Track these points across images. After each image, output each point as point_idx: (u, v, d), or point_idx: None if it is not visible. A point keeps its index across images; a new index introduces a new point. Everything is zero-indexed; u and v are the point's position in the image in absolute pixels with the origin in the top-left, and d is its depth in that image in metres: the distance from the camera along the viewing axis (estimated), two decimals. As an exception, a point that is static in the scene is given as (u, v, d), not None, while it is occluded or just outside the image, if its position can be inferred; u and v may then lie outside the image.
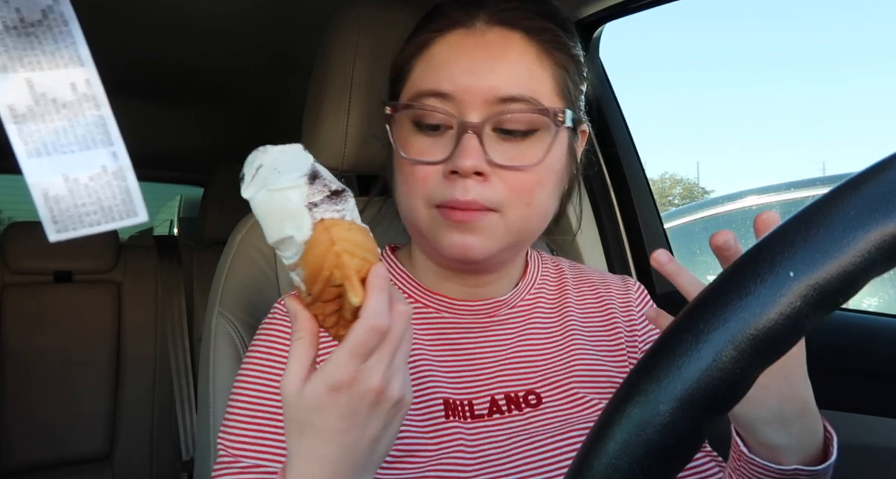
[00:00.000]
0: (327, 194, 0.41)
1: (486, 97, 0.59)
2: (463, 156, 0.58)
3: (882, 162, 0.29)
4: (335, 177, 0.44)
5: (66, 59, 0.26)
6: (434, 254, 0.67)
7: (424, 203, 0.62)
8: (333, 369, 0.42)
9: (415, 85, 0.63)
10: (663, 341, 0.30)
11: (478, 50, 0.61)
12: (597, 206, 1.24)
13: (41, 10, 0.26)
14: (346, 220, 0.42)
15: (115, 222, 0.27)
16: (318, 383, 0.43)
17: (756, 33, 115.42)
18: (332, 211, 0.41)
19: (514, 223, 0.62)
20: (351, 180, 2.06)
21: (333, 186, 0.42)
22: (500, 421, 0.64)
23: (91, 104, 0.27)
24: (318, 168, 0.43)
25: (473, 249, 0.61)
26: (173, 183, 2.87)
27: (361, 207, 0.82)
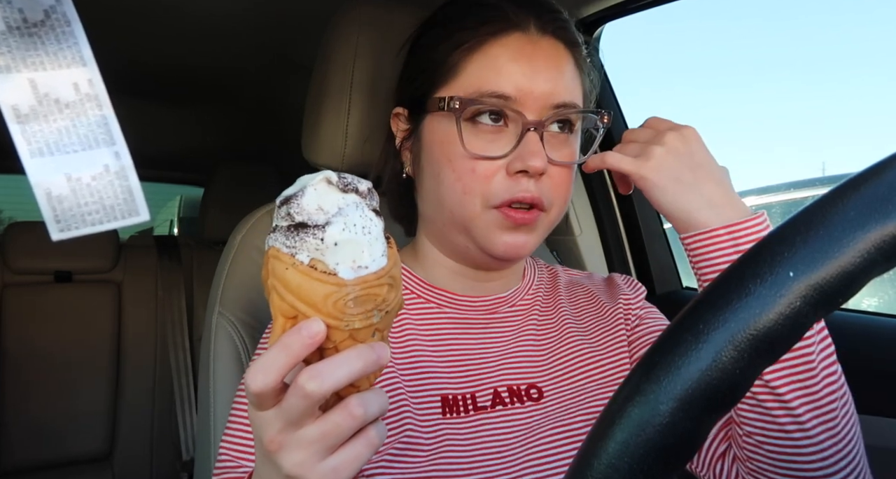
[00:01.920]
0: (287, 225, 0.37)
1: (544, 102, 0.63)
2: (533, 156, 0.61)
3: (882, 162, 0.29)
4: (328, 212, 0.37)
5: (69, 60, 0.26)
6: (456, 250, 0.69)
7: (482, 202, 0.63)
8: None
9: (471, 83, 0.64)
10: (663, 341, 0.30)
11: (537, 56, 0.64)
12: (597, 206, 1.24)
13: (44, 11, 0.26)
14: (294, 257, 0.37)
15: (117, 222, 0.27)
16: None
17: (756, 33, 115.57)
18: (281, 243, 0.37)
19: (553, 219, 0.67)
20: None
21: (298, 219, 0.37)
22: (502, 413, 0.65)
23: (93, 104, 0.27)
24: (304, 198, 0.37)
25: (525, 248, 0.65)
26: (173, 183, 2.86)
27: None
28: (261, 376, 0.37)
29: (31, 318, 1.94)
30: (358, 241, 0.37)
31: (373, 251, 0.38)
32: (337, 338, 0.38)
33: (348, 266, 0.37)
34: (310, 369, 0.37)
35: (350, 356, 0.37)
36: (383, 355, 0.38)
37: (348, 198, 0.38)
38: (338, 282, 0.37)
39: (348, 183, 0.38)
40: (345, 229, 0.37)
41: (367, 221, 0.38)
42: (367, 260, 0.37)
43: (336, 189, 0.38)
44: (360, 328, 0.38)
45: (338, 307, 0.37)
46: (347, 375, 0.37)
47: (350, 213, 0.37)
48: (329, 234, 0.36)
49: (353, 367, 0.37)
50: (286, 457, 0.39)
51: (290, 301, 0.37)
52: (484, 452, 0.62)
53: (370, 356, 0.38)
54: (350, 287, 0.37)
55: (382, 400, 0.40)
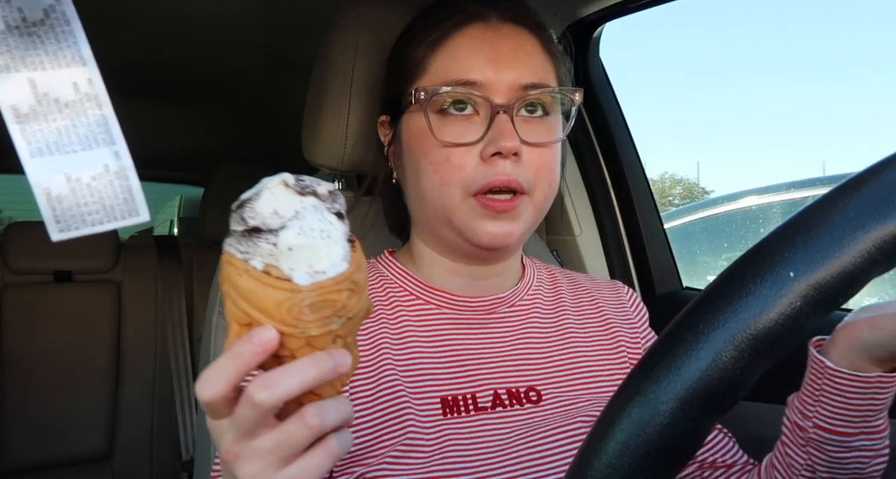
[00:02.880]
0: (241, 229, 0.36)
1: (510, 85, 0.64)
2: (504, 137, 0.62)
3: (882, 162, 0.29)
4: (285, 217, 0.36)
5: (69, 59, 0.26)
6: (447, 245, 0.69)
7: (462, 192, 0.64)
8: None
9: (438, 76, 0.66)
10: (663, 341, 0.30)
11: (499, 42, 0.65)
12: (597, 206, 1.24)
13: (43, 10, 0.26)
14: (248, 263, 0.36)
15: (117, 222, 0.27)
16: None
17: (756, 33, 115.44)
18: (235, 248, 0.36)
19: (538, 203, 0.67)
20: (351, 180, 2.06)
21: (252, 223, 0.36)
22: (502, 414, 0.65)
23: (93, 104, 0.27)
24: (258, 202, 0.36)
25: (511, 236, 0.65)
26: (173, 183, 2.86)
27: (349, 207, 0.82)
28: (209, 385, 0.36)
29: (31, 318, 1.94)
30: (315, 245, 0.36)
31: (331, 256, 0.36)
32: (293, 345, 0.37)
33: (304, 272, 0.35)
34: (260, 377, 0.35)
35: (304, 365, 0.36)
36: (342, 362, 0.37)
37: (306, 201, 0.36)
38: (292, 288, 0.35)
39: (306, 186, 0.37)
40: (300, 234, 0.35)
41: (327, 224, 0.37)
42: (324, 265, 0.36)
43: (293, 192, 0.36)
44: (317, 335, 0.36)
45: (292, 314, 0.35)
46: (300, 384, 0.35)
47: (307, 216, 0.36)
48: (283, 238, 0.35)
49: (306, 375, 0.35)
50: (242, 467, 0.38)
51: (242, 308, 0.36)
52: (484, 452, 0.62)
53: (326, 364, 0.36)
54: (305, 293, 0.35)
55: (344, 409, 0.38)
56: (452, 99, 0.64)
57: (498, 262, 0.71)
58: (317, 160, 0.89)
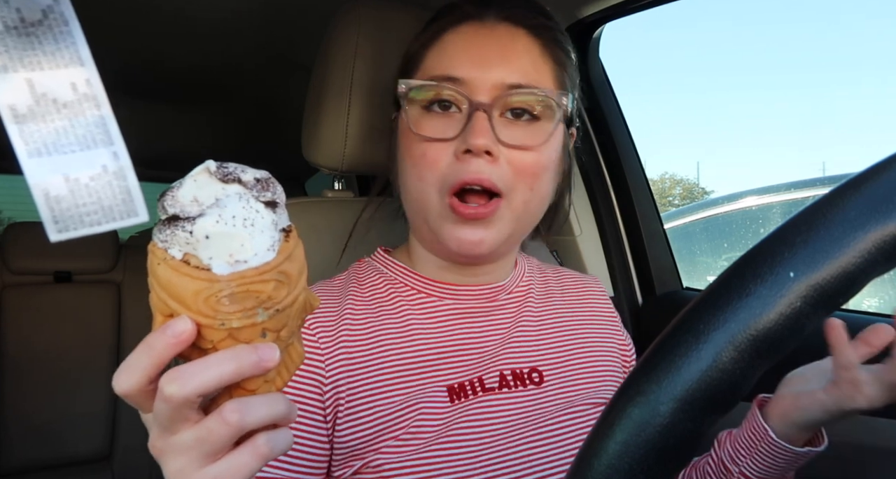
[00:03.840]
0: (163, 218, 0.35)
1: (494, 84, 0.63)
2: (475, 134, 0.61)
3: (882, 162, 0.29)
4: (203, 203, 0.35)
5: (67, 59, 0.26)
6: (437, 246, 0.69)
7: (437, 189, 0.63)
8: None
9: (427, 71, 0.66)
10: (663, 341, 0.30)
11: (489, 42, 0.65)
12: (597, 206, 1.24)
13: (41, 10, 0.26)
14: (167, 252, 0.35)
15: (115, 222, 0.27)
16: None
17: (756, 33, 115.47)
18: (157, 237, 0.35)
19: (517, 208, 0.65)
20: (351, 180, 2.06)
21: (171, 211, 0.35)
22: (508, 395, 0.66)
23: (91, 104, 0.27)
24: (180, 190, 0.35)
25: (483, 244, 0.64)
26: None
27: (358, 211, 0.83)
28: (123, 377, 0.35)
29: (30, 318, 1.94)
30: (235, 234, 0.34)
31: (255, 245, 0.34)
32: (214, 337, 0.35)
33: (224, 261, 0.34)
34: (172, 370, 0.34)
35: (221, 358, 0.34)
36: (267, 356, 0.34)
37: (229, 188, 0.35)
38: (209, 277, 0.34)
39: (229, 173, 0.36)
40: (219, 222, 0.34)
41: (251, 212, 0.35)
42: (247, 254, 0.34)
43: (215, 179, 0.35)
44: (240, 327, 0.35)
45: (210, 304, 0.34)
46: (217, 377, 0.34)
47: (229, 204, 0.34)
48: (199, 226, 0.34)
49: (224, 369, 0.34)
50: (167, 463, 0.37)
51: (162, 298, 0.35)
52: (491, 433, 0.63)
53: (248, 358, 0.34)
54: (224, 283, 0.34)
55: (276, 406, 0.36)
56: (432, 95, 0.64)
57: (483, 265, 0.71)
58: (316, 160, 0.89)
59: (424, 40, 0.68)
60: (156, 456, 0.37)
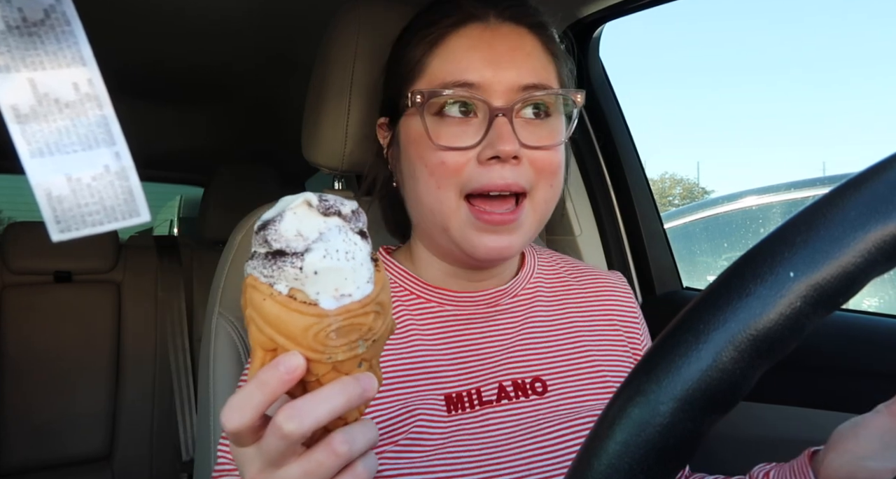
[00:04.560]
0: (264, 252, 0.35)
1: (509, 86, 0.62)
2: (503, 141, 0.60)
3: (882, 162, 0.29)
4: (308, 241, 0.35)
5: (69, 59, 0.26)
6: (444, 251, 0.68)
7: (456, 194, 0.63)
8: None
9: (435, 77, 0.65)
10: (663, 341, 0.30)
11: (497, 42, 0.64)
12: (597, 206, 1.24)
13: (43, 10, 0.26)
14: (273, 287, 0.35)
15: (117, 222, 0.27)
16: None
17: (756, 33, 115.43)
18: (259, 271, 0.35)
19: (539, 206, 0.65)
20: (351, 180, 2.06)
21: (276, 246, 0.35)
22: (507, 407, 0.65)
23: (94, 104, 0.27)
24: (282, 223, 0.35)
25: (510, 249, 0.63)
26: (173, 183, 2.86)
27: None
28: (237, 414, 0.35)
29: (30, 318, 1.94)
30: (341, 268, 0.34)
31: (357, 278, 0.35)
32: (319, 371, 0.36)
33: (330, 295, 0.34)
34: (288, 407, 0.35)
35: (332, 392, 0.35)
36: (369, 387, 0.36)
37: (330, 222, 0.35)
38: (318, 313, 0.34)
39: (330, 206, 0.36)
40: (326, 256, 0.34)
41: (352, 245, 0.35)
42: (350, 288, 0.35)
43: (317, 213, 0.35)
44: (343, 360, 0.35)
45: (319, 340, 0.34)
46: (329, 412, 0.35)
47: (332, 238, 0.35)
48: (308, 262, 0.34)
49: (334, 403, 0.35)
50: None
51: (268, 333, 0.35)
52: (490, 446, 0.62)
53: (354, 390, 0.35)
54: (332, 318, 0.34)
55: (370, 433, 0.37)
56: (449, 102, 0.63)
57: (495, 268, 0.71)
58: (317, 160, 0.89)
59: (426, 46, 0.66)
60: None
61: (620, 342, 0.74)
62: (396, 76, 0.70)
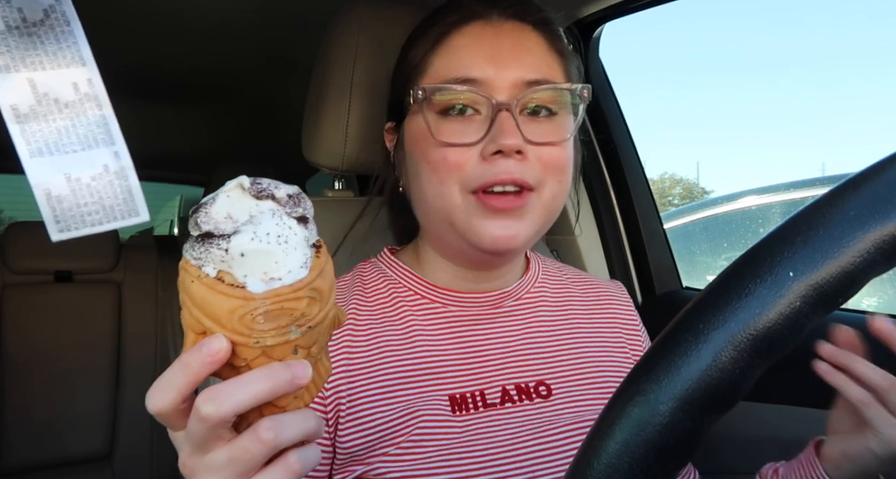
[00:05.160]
0: (196, 234, 0.35)
1: (513, 82, 0.62)
2: (505, 135, 0.60)
3: (881, 162, 0.29)
4: (236, 222, 0.34)
5: (69, 59, 0.26)
6: (452, 251, 0.68)
7: (460, 189, 0.62)
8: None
9: (438, 74, 0.65)
10: (663, 340, 0.30)
11: (499, 39, 0.64)
12: (597, 206, 1.24)
13: (43, 10, 0.26)
14: (201, 269, 0.34)
15: (117, 222, 0.27)
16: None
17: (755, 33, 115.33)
18: (190, 254, 0.35)
19: (548, 202, 0.64)
20: (351, 180, 2.06)
21: (205, 228, 0.34)
22: (511, 410, 0.65)
23: (93, 104, 0.27)
24: (213, 206, 0.35)
25: (518, 237, 0.62)
26: (173, 183, 2.86)
27: (360, 211, 0.83)
28: (159, 395, 0.35)
29: (31, 318, 1.94)
30: (270, 251, 0.34)
31: (289, 262, 0.34)
32: (248, 355, 0.35)
33: (259, 278, 0.34)
34: (208, 390, 0.34)
35: (256, 376, 0.34)
36: (301, 374, 0.34)
37: (263, 205, 0.35)
38: (245, 295, 0.34)
39: (263, 189, 0.35)
40: (254, 239, 0.34)
41: (285, 229, 0.35)
42: (281, 272, 0.34)
43: (249, 196, 0.35)
44: (273, 345, 0.35)
45: (244, 323, 0.34)
46: (252, 396, 0.34)
47: (263, 221, 0.34)
48: (234, 244, 0.33)
49: (258, 388, 0.34)
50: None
51: (196, 316, 0.35)
52: (494, 448, 0.62)
53: (282, 376, 0.34)
54: (259, 301, 0.34)
55: (307, 423, 0.36)
56: (452, 99, 0.63)
57: (504, 266, 0.71)
58: (317, 160, 0.89)
59: (429, 44, 0.66)
60: (187, 475, 0.37)
61: (622, 348, 0.74)
62: (401, 79, 0.70)
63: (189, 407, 0.35)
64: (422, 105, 0.63)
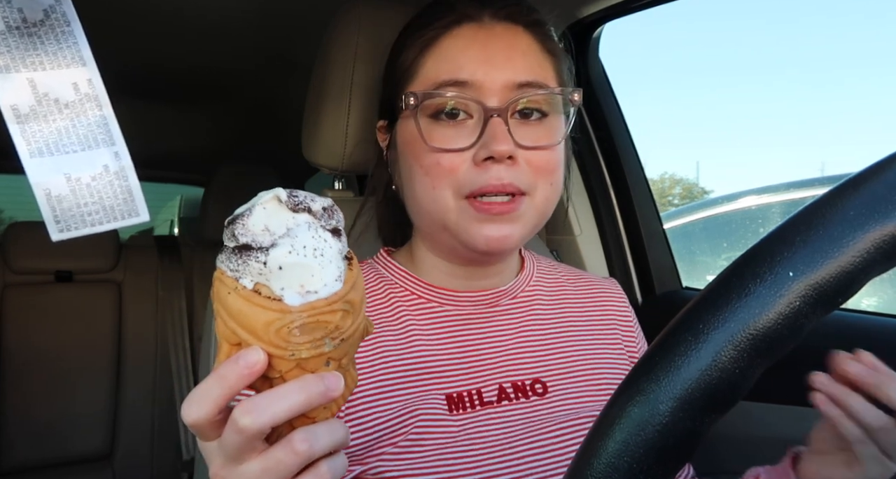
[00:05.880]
0: (232, 246, 0.35)
1: (504, 85, 0.62)
2: (497, 141, 0.60)
3: (881, 162, 0.29)
4: (274, 237, 0.35)
5: (69, 60, 0.26)
6: (445, 250, 0.69)
7: (453, 194, 0.62)
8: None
9: (429, 78, 0.64)
10: (663, 340, 0.30)
11: (491, 42, 0.64)
12: (597, 206, 1.24)
13: (43, 11, 0.26)
14: (238, 281, 0.35)
15: (117, 222, 0.27)
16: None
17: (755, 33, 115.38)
18: (226, 265, 0.35)
19: (540, 204, 0.65)
20: (351, 180, 2.06)
21: (242, 240, 0.34)
22: (508, 408, 0.65)
23: (93, 104, 0.27)
24: (250, 218, 0.35)
25: (511, 239, 0.63)
26: (173, 183, 2.86)
27: (357, 210, 0.83)
28: (195, 407, 0.35)
29: (31, 318, 1.94)
30: (307, 264, 0.34)
31: (324, 275, 0.35)
32: (282, 368, 0.35)
33: (295, 291, 0.34)
34: (246, 402, 0.34)
35: (291, 389, 0.34)
36: (334, 386, 0.35)
37: (299, 218, 0.35)
38: (282, 308, 0.34)
39: (299, 202, 0.35)
40: (291, 252, 0.34)
41: (321, 242, 0.35)
42: (317, 285, 0.35)
43: (286, 208, 0.35)
44: (308, 358, 0.35)
45: (281, 335, 0.34)
46: (287, 409, 0.34)
47: (300, 234, 0.35)
48: (273, 257, 0.34)
49: (293, 400, 0.34)
50: None
51: (232, 327, 0.35)
52: (491, 446, 0.62)
53: (316, 388, 0.34)
54: (295, 314, 0.34)
55: (337, 434, 0.37)
56: (444, 104, 0.63)
57: (497, 264, 0.71)
58: (317, 160, 0.89)
59: (420, 46, 0.66)
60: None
61: (617, 345, 0.75)
62: (392, 79, 0.70)
63: (224, 419, 0.35)
64: (413, 110, 0.64)
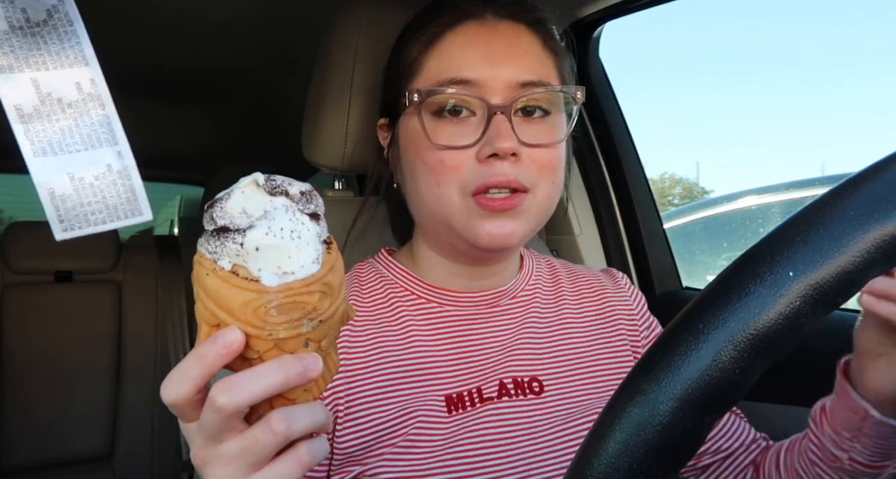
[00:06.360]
0: (211, 229, 0.36)
1: (507, 83, 0.62)
2: (501, 138, 0.60)
3: (881, 162, 0.29)
4: (251, 216, 0.35)
5: (72, 59, 0.26)
6: (448, 248, 0.69)
7: (459, 192, 0.63)
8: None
9: (431, 76, 0.65)
10: (663, 340, 0.30)
11: (494, 40, 0.64)
12: (597, 206, 1.24)
13: (46, 11, 0.26)
14: (216, 263, 0.35)
15: (120, 221, 0.27)
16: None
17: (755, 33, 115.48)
18: (205, 248, 0.36)
19: (542, 202, 0.65)
20: (351, 180, 2.06)
21: (220, 223, 0.35)
22: (508, 404, 0.65)
23: (96, 104, 0.27)
24: (229, 201, 0.35)
25: (514, 235, 0.63)
26: (174, 183, 2.86)
27: (357, 210, 0.83)
28: (173, 386, 0.35)
29: (31, 318, 1.94)
30: (283, 246, 0.35)
31: (301, 257, 0.35)
32: (260, 348, 0.36)
33: (272, 272, 0.35)
34: (222, 381, 0.35)
35: (269, 368, 0.35)
36: (312, 367, 0.35)
37: (276, 201, 0.36)
38: (258, 289, 0.35)
39: (277, 186, 0.36)
40: (268, 234, 0.35)
41: (298, 225, 0.36)
42: (293, 266, 0.35)
43: (263, 192, 0.36)
44: (286, 338, 0.36)
45: (258, 315, 0.35)
46: (265, 387, 0.34)
47: (277, 217, 0.35)
48: (249, 238, 0.35)
49: (271, 379, 0.34)
50: (210, 473, 0.37)
51: (210, 308, 0.36)
52: (490, 446, 0.62)
53: (294, 368, 0.35)
54: (272, 294, 0.35)
55: (317, 416, 0.37)
56: (447, 101, 0.63)
57: (499, 262, 0.71)
58: (317, 160, 0.89)
59: (422, 44, 0.66)
60: (198, 466, 0.38)
61: (618, 340, 0.74)
62: (394, 76, 0.70)
63: (203, 398, 0.36)
64: (417, 107, 0.64)
